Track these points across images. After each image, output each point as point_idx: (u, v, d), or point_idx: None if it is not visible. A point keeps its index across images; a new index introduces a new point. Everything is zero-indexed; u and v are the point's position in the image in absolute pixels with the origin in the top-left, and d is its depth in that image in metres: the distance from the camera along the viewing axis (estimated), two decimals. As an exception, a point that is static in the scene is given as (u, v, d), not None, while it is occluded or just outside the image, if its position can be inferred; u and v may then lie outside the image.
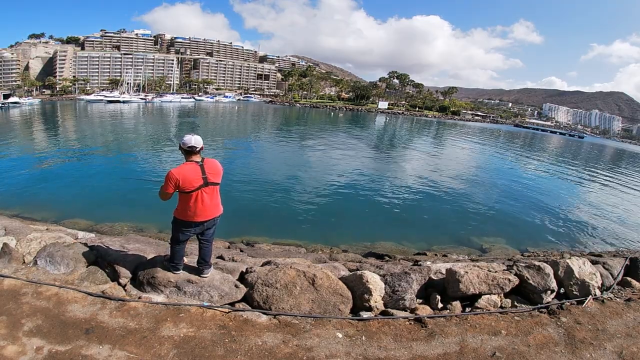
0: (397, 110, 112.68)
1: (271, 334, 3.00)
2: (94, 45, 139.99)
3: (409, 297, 3.67)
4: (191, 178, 3.13)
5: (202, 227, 3.41)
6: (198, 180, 3.14)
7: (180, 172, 3.10)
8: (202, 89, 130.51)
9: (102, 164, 15.19)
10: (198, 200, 3.20)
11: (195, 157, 3.21)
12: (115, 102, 65.71)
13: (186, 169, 3.15)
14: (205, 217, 3.31)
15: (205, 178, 3.17)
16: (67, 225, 6.98)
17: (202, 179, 3.16)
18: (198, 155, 3.23)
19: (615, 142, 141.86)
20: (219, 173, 3.30)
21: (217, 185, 3.31)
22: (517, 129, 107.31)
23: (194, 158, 3.20)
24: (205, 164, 3.22)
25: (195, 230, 3.41)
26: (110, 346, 2.66)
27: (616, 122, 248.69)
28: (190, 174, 3.13)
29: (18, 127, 29.97)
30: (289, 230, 8.47)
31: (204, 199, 3.22)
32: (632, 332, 3.35)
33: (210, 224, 3.43)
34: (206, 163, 3.23)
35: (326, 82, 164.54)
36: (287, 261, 4.41)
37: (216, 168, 3.28)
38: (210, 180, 3.21)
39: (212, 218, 3.39)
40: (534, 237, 9.55)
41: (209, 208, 3.29)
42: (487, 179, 17.83)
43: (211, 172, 3.23)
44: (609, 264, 4.78)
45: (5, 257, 3.76)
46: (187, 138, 3.15)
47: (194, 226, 3.35)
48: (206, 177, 3.18)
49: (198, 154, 3.22)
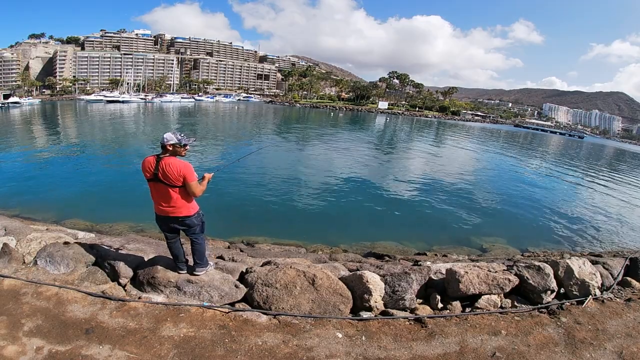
0: (397, 111, 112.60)
1: (271, 334, 3.00)
2: (94, 45, 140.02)
3: (409, 297, 3.67)
4: (145, 168, 3.26)
5: (165, 222, 3.42)
6: (149, 173, 3.24)
7: (142, 161, 3.31)
8: (202, 89, 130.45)
9: (102, 164, 15.18)
10: (152, 193, 3.34)
11: (163, 152, 3.25)
12: (115, 102, 65.67)
13: (147, 159, 3.29)
14: (159, 211, 3.38)
15: (155, 174, 3.21)
16: (67, 225, 6.97)
17: (152, 173, 3.22)
18: (166, 151, 3.23)
19: (615, 142, 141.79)
20: (171, 175, 3.16)
21: (169, 186, 3.20)
22: (517, 129, 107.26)
23: (162, 153, 3.26)
24: (163, 161, 3.19)
25: (161, 223, 3.47)
26: (110, 346, 2.66)
27: (616, 122, 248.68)
28: (146, 165, 3.26)
29: (18, 127, 29.96)
30: (289, 230, 8.46)
31: (153, 193, 3.32)
32: (632, 332, 3.35)
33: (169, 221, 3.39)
34: (164, 161, 3.19)
35: (326, 82, 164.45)
36: (287, 261, 4.41)
37: (170, 169, 3.16)
38: (159, 177, 3.19)
39: (170, 216, 3.34)
40: (534, 237, 9.54)
41: (159, 204, 3.33)
42: (487, 178, 17.84)
43: (163, 171, 3.17)
44: (609, 264, 4.77)
45: (5, 257, 3.76)
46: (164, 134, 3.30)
47: (157, 218, 3.47)
48: (156, 173, 3.21)
49: (166, 149, 3.23)
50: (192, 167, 3.26)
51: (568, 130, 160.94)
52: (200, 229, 3.54)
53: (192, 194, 3.28)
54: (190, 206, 3.38)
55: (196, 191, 3.26)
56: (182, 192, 3.28)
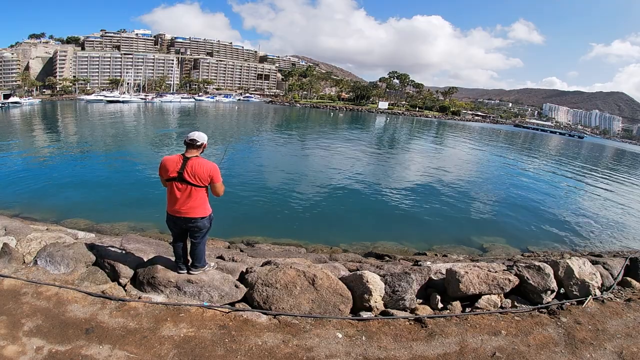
0: (397, 111, 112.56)
1: (271, 334, 3.00)
2: (94, 45, 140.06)
3: (409, 297, 3.67)
4: (168, 167, 3.22)
5: (178, 223, 3.41)
6: (173, 172, 3.21)
7: (163, 160, 3.28)
8: (202, 89, 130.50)
9: (102, 163, 15.18)
10: (172, 192, 3.28)
11: (190, 151, 3.24)
12: (115, 102, 65.70)
13: (170, 158, 3.26)
14: (174, 212, 3.33)
15: (180, 173, 3.19)
16: (67, 225, 6.97)
17: (177, 172, 3.19)
18: (195, 150, 3.24)
19: (615, 142, 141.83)
20: (200, 175, 3.18)
21: (193, 186, 3.21)
22: (517, 129, 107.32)
23: (188, 152, 3.24)
24: (191, 161, 3.19)
25: (173, 224, 3.45)
26: (110, 346, 2.66)
27: (616, 122, 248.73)
28: (170, 164, 3.23)
29: (18, 127, 29.96)
30: (289, 230, 8.46)
31: (174, 192, 3.26)
32: (632, 332, 3.35)
33: (182, 222, 3.37)
34: (193, 161, 3.19)
35: (326, 82, 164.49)
36: (287, 261, 4.41)
37: (200, 169, 3.17)
38: (184, 177, 3.18)
39: (184, 217, 3.32)
40: (534, 237, 9.54)
41: (180, 204, 3.28)
42: (487, 178, 17.83)
43: (191, 170, 3.17)
44: (609, 264, 4.77)
45: (6, 257, 3.77)
46: (191, 132, 3.29)
47: (170, 219, 3.44)
48: (182, 172, 3.18)
49: (195, 149, 3.24)
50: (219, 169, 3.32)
51: (568, 130, 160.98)
52: (206, 231, 3.55)
53: (216, 194, 3.35)
54: (207, 207, 3.41)
55: (220, 191, 3.35)
56: (204, 192, 3.32)
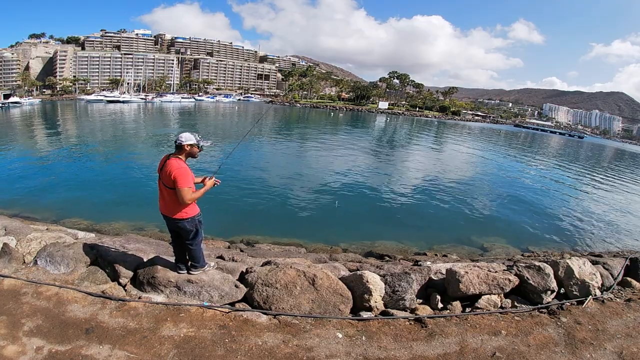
0: (397, 111, 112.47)
1: (271, 334, 3.00)
2: (94, 45, 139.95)
3: (409, 297, 3.67)
4: (158, 166, 3.36)
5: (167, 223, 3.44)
6: (158, 171, 3.34)
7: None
8: (203, 89, 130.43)
9: (102, 163, 15.18)
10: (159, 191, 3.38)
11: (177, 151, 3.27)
12: (115, 102, 65.66)
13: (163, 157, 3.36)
14: (160, 211, 3.40)
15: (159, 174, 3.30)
16: (67, 225, 6.96)
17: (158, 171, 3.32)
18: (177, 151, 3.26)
19: (616, 142, 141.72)
20: (167, 176, 3.13)
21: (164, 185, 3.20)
22: (517, 129, 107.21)
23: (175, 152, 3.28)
24: (169, 161, 3.20)
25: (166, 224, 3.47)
26: (110, 346, 2.66)
27: (616, 122, 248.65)
28: (160, 163, 3.34)
29: (18, 127, 29.95)
30: (289, 230, 8.46)
31: (159, 191, 3.35)
32: (632, 332, 3.35)
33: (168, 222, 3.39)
34: (170, 161, 3.20)
35: (326, 82, 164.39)
36: (287, 261, 4.41)
37: (167, 169, 3.15)
38: (160, 177, 3.28)
39: (167, 217, 3.35)
40: (534, 237, 9.53)
41: (161, 204, 3.37)
42: (487, 178, 17.82)
43: (164, 170, 3.20)
44: (609, 264, 4.77)
45: (6, 257, 3.77)
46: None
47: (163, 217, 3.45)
48: (159, 172, 3.29)
49: (177, 149, 3.25)
50: (189, 173, 3.17)
51: (568, 130, 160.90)
52: (194, 234, 3.41)
53: (180, 200, 3.12)
54: (184, 210, 3.26)
55: (185, 198, 3.10)
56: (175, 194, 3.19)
